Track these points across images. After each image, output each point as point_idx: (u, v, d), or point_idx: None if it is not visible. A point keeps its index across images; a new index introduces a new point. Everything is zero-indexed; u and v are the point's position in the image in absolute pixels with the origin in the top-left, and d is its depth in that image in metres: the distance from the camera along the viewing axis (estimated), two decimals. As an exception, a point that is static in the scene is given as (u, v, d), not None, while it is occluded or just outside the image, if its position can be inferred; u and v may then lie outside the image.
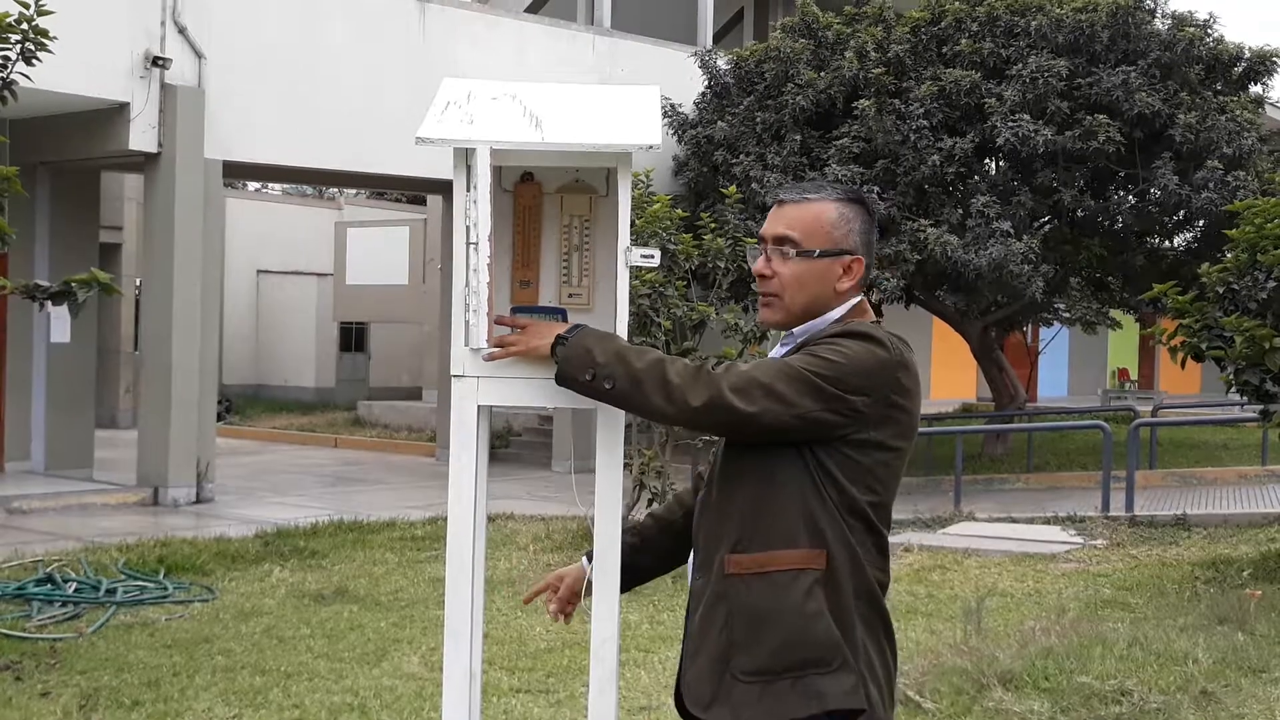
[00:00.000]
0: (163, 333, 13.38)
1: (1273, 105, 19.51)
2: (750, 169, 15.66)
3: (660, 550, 2.87)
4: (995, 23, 15.72)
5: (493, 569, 9.24)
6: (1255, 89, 16.94)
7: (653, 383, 2.44)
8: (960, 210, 15.27)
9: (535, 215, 2.95)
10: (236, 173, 16.96)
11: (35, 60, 6.94)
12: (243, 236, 26.16)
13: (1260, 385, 8.86)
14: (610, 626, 2.72)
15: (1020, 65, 15.10)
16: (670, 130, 16.92)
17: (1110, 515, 12.21)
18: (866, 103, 15.17)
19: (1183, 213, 15.96)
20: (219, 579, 9.03)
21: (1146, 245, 17.17)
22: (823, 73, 15.87)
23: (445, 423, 17.03)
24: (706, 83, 17.21)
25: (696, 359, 2.54)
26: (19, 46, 6.86)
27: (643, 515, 11.40)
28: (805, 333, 2.59)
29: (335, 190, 30.87)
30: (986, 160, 16.17)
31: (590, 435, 2.82)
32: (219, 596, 8.47)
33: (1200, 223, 16.28)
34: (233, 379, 26.01)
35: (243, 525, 11.51)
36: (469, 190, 2.65)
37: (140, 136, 13.17)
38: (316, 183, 26.90)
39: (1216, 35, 16.15)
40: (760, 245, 2.66)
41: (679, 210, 10.98)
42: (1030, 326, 24.97)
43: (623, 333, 2.68)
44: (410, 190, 25.12)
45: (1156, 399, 26.95)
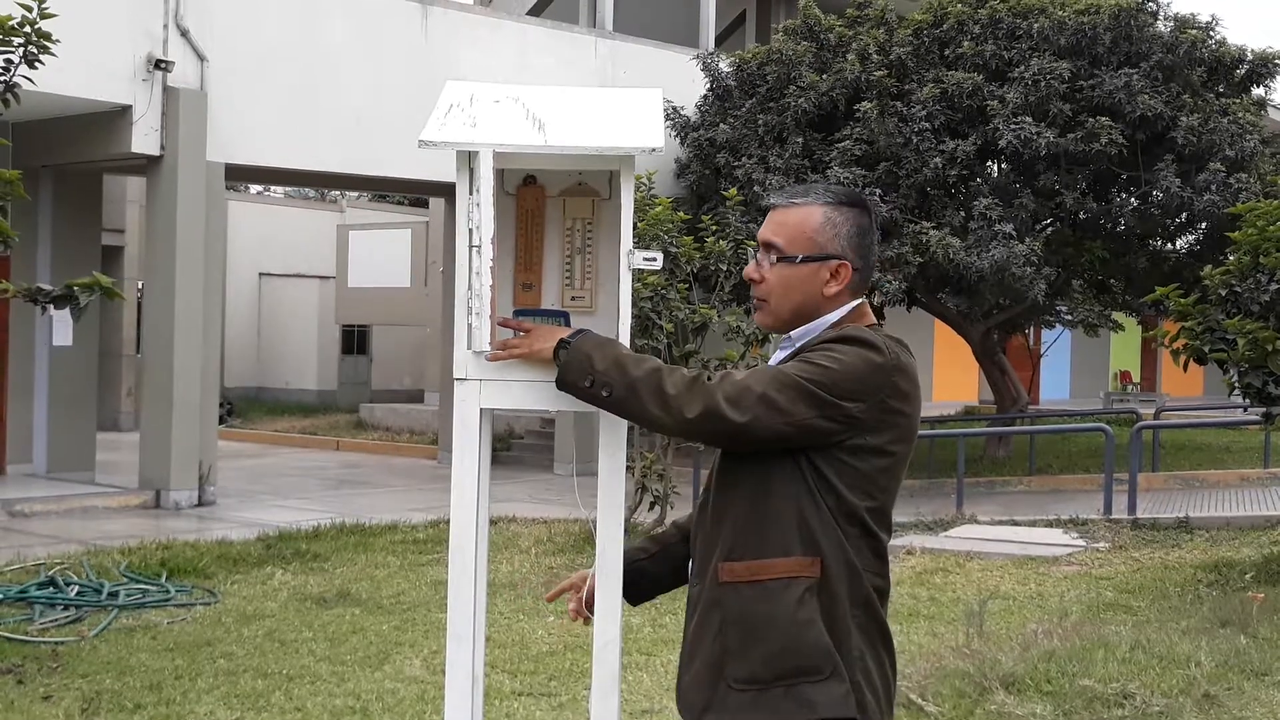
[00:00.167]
0: (164, 335, 13.39)
1: (1275, 108, 19.50)
2: (752, 171, 15.66)
3: (679, 558, 2.85)
4: (997, 25, 15.72)
5: (495, 572, 9.24)
6: (1257, 91, 16.93)
7: (649, 392, 2.44)
8: (962, 213, 15.27)
9: (538, 218, 2.95)
10: (238, 175, 16.99)
11: (38, 63, 6.94)
12: (245, 239, 26.18)
13: (1263, 388, 8.86)
14: (612, 629, 2.72)
15: (1022, 68, 15.09)
16: (672, 133, 16.93)
17: (1112, 518, 12.21)
18: (868, 105, 15.17)
19: (1185, 215, 15.95)
20: (221, 582, 9.03)
21: (1149, 248, 17.16)
22: (825, 75, 15.86)
23: (447, 425, 17.12)
24: (708, 85, 17.22)
25: (697, 364, 2.54)
26: (21, 49, 6.86)
27: (648, 519, 11.44)
28: (802, 336, 2.59)
29: (337, 193, 30.88)
30: (989, 163, 16.16)
31: (592, 438, 2.82)
32: (221, 600, 8.47)
33: (1202, 225, 16.28)
34: (234, 382, 26.02)
35: (245, 528, 11.51)
36: (472, 193, 2.65)
37: (142, 139, 13.18)
38: (318, 185, 26.90)
39: (1219, 38, 16.15)
40: (754, 249, 2.68)
41: (681, 213, 10.99)
42: (1032, 329, 24.97)
43: (625, 335, 2.68)
44: (412, 193, 25.13)
45: (1159, 401, 26.93)
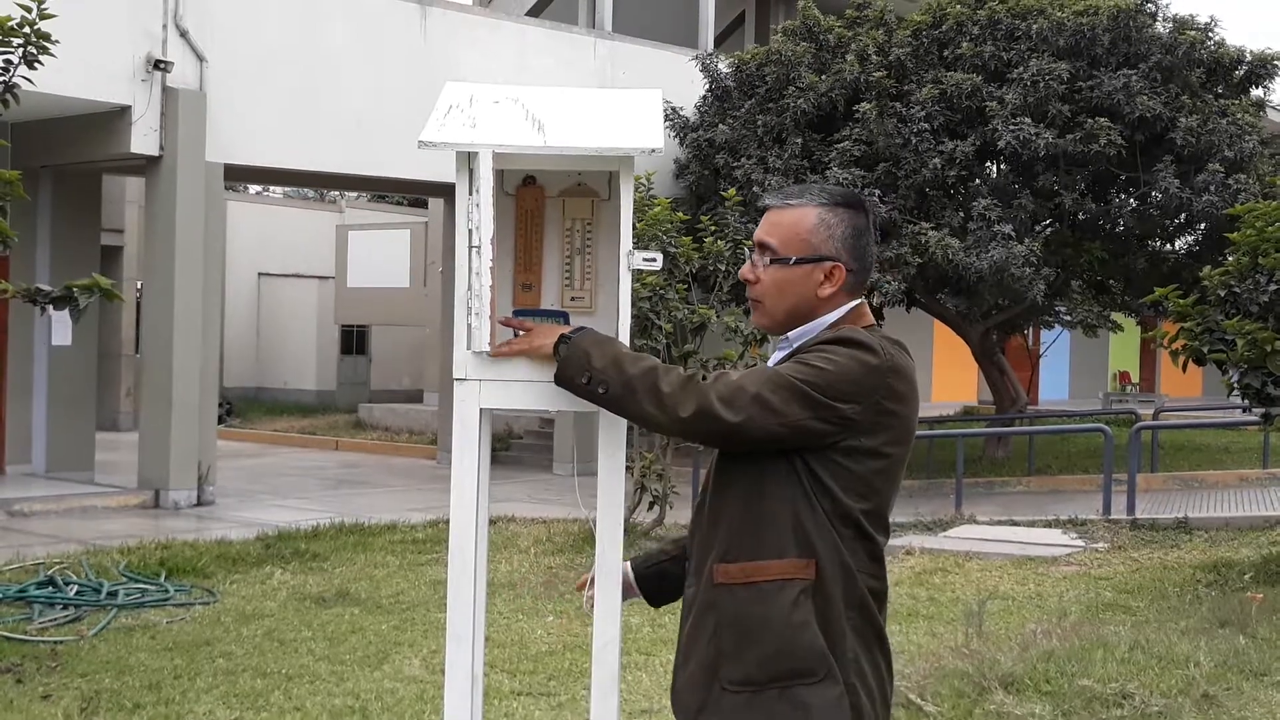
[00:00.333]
0: (164, 335, 13.39)
1: (1274, 109, 19.50)
2: (751, 172, 15.67)
3: None
4: (996, 26, 15.73)
5: (494, 572, 9.24)
6: (1256, 92, 16.93)
7: (644, 390, 2.45)
8: (961, 213, 15.28)
9: (537, 218, 2.95)
10: (238, 176, 16.99)
11: (37, 64, 6.95)
12: (244, 239, 26.18)
13: (1261, 388, 8.87)
14: (612, 629, 2.73)
15: (1021, 68, 15.10)
16: (671, 133, 16.93)
17: (1111, 518, 12.21)
18: (868, 106, 15.18)
19: (1184, 216, 15.96)
20: (220, 582, 9.03)
21: (1147, 248, 17.17)
22: (824, 76, 15.87)
23: (446, 425, 17.11)
24: (707, 86, 17.22)
25: (696, 364, 2.55)
26: (21, 50, 6.87)
27: (647, 519, 11.44)
28: (799, 337, 2.59)
29: (336, 193, 30.88)
30: (988, 163, 16.17)
31: (591, 438, 2.83)
32: (220, 599, 8.47)
33: (1201, 226, 16.28)
34: (234, 382, 26.02)
35: (244, 528, 11.51)
36: (471, 194, 2.65)
37: (142, 140, 13.18)
38: (318, 186, 26.91)
39: (1217, 39, 16.16)
40: (750, 250, 2.68)
41: (680, 213, 10.99)
42: (1031, 329, 24.99)
43: (625, 336, 2.69)
44: (411, 193, 25.13)
45: (1158, 402, 26.94)
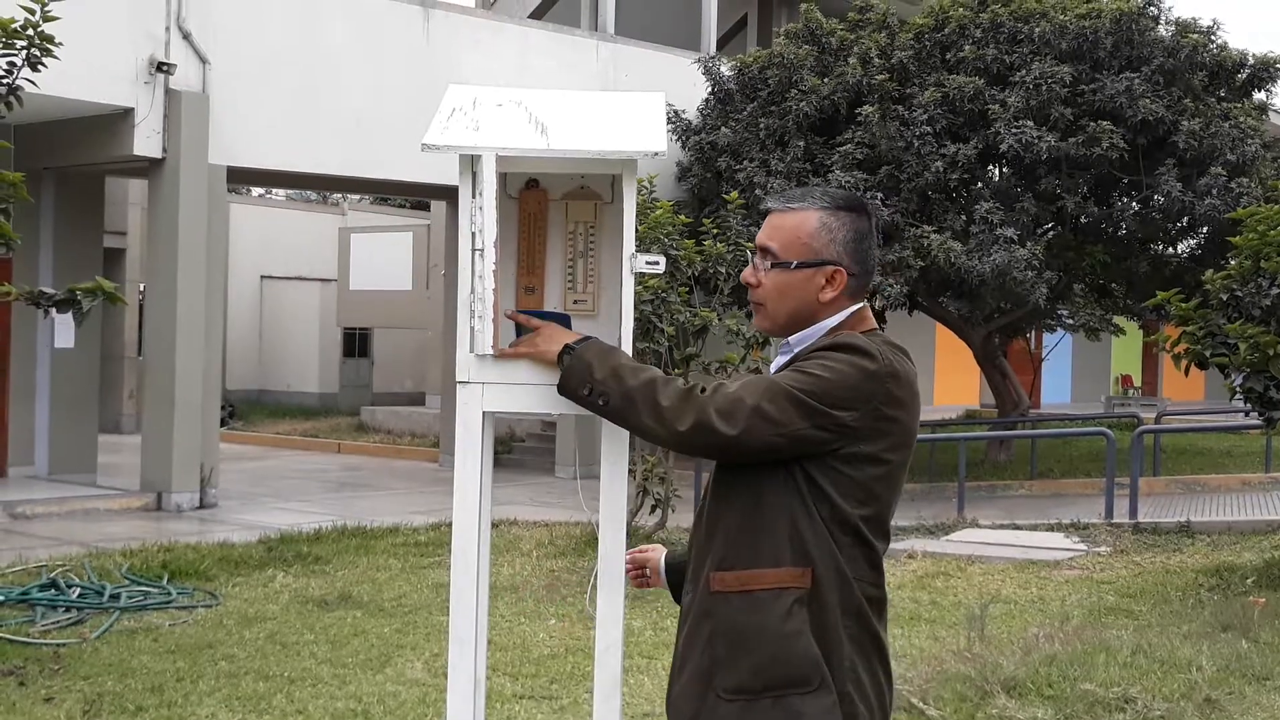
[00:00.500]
0: (166, 338, 13.40)
1: (1276, 112, 19.49)
2: (754, 175, 15.67)
3: None
4: (999, 29, 15.73)
5: (496, 575, 9.24)
6: (1259, 96, 16.94)
7: (644, 403, 2.45)
8: (964, 216, 15.28)
9: (540, 221, 2.96)
10: (240, 178, 17.00)
11: (41, 66, 6.96)
12: (246, 242, 26.20)
13: (1264, 392, 8.87)
14: (614, 632, 2.73)
15: (1024, 72, 15.10)
16: (674, 136, 16.93)
17: (1114, 522, 12.21)
18: (870, 109, 15.18)
19: (1186, 219, 15.96)
20: (222, 584, 9.03)
21: (1150, 252, 17.17)
22: (826, 79, 15.87)
23: (449, 428, 17.10)
24: (710, 89, 17.23)
25: (698, 366, 2.55)
26: (24, 52, 6.88)
27: (649, 522, 11.41)
28: (800, 342, 2.58)
29: (339, 196, 30.91)
30: (990, 166, 16.17)
31: (594, 441, 2.83)
32: (222, 602, 8.47)
33: (1204, 229, 16.29)
34: (236, 384, 26.03)
35: (246, 531, 11.51)
36: (474, 197, 2.66)
37: (145, 142, 13.19)
38: (320, 188, 26.92)
39: (1220, 42, 16.16)
40: (752, 253, 2.67)
41: (682, 216, 10.99)
42: (1034, 333, 24.96)
43: (627, 338, 2.69)
44: (414, 196, 25.15)
45: (1160, 406, 26.94)
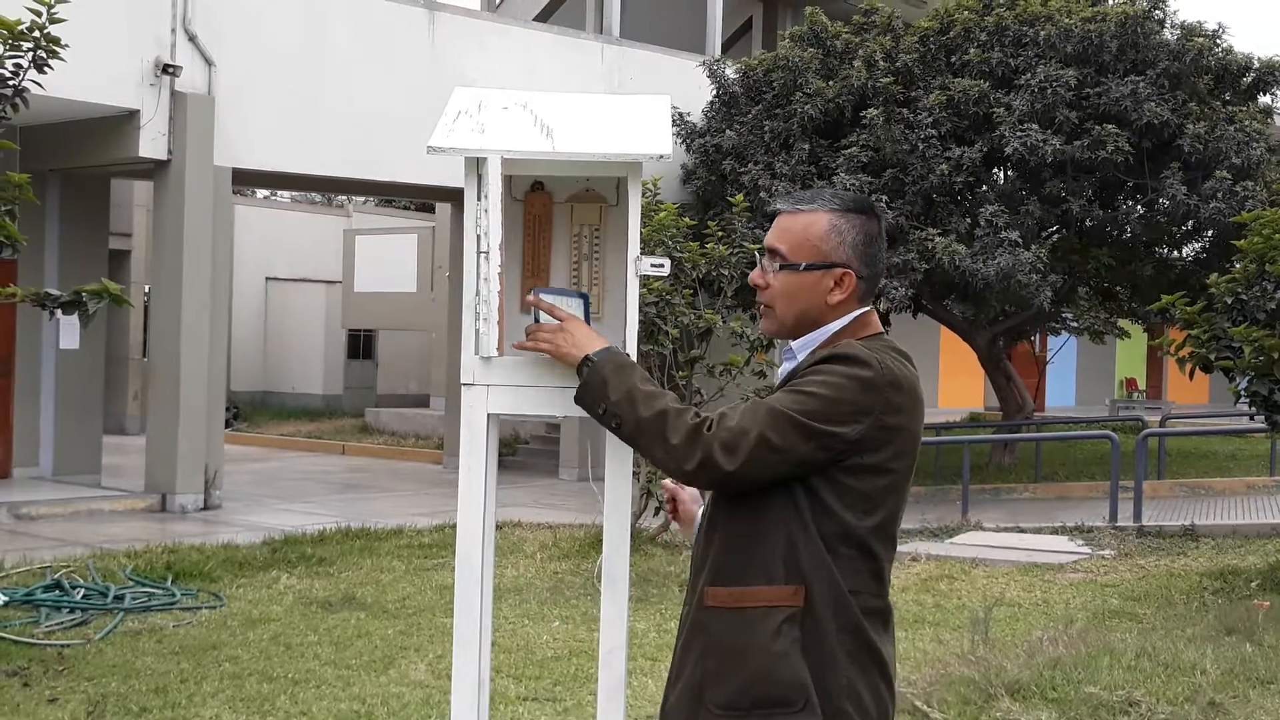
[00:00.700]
0: (171, 339, 13.41)
1: (1281, 115, 19.48)
2: (758, 178, 15.67)
3: None
4: (1004, 32, 15.73)
5: (500, 577, 9.24)
6: (1264, 99, 16.93)
7: (653, 436, 2.45)
8: (968, 219, 15.27)
9: (545, 224, 2.96)
10: (245, 180, 17.02)
11: (47, 68, 6.98)
12: (252, 244, 26.22)
13: (1269, 395, 8.86)
14: (619, 634, 2.73)
15: (1029, 75, 15.10)
16: (679, 139, 16.94)
17: (1118, 525, 12.20)
18: (875, 112, 15.17)
19: (1191, 223, 15.96)
20: (226, 586, 9.04)
21: (1155, 255, 17.16)
22: (831, 82, 15.88)
23: (453, 430, 17.10)
24: (715, 91, 17.23)
25: (701, 372, 2.54)
26: (31, 54, 6.90)
27: (653, 524, 11.40)
28: (804, 346, 2.57)
29: (344, 198, 30.92)
30: (995, 170, 16.17)
31: (598, 443, 2.84)
32: (226, 603, 8.48)
33: (1209, 233, 16.27)
34: (241, 386, 26.05)
35: (250, 532, 11.52)
36: (480, 199, 2.66)
37: (150, 144, 13.21)
38: (325, 190, 26.94)
39: (1225, 45, 16.16)
40: (761, 255, 2.66)
41: (686, 219, 10.99)
42: (1038, 336, 24.96)
43: (632, 341, 2.69)
44: (419, 198, 25.16)
45: (1164, 409, 26.92)
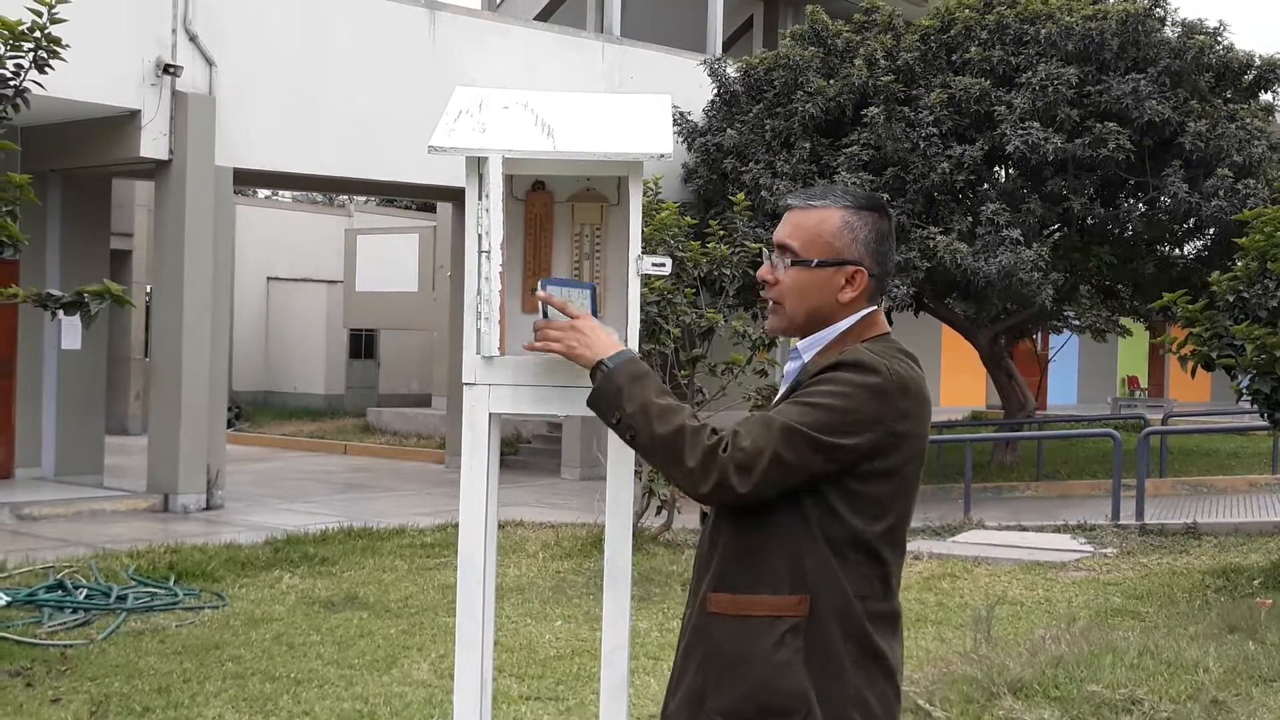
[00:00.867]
0: (173, 339, 13.42)
1: (1283, 113, 19.47)
2: (759, 176, 15.67)
3: None
4: (1005, 31, 15.72)
5: (502, 576, 9.24)
6: (1265, 97, 16.92)
7: (669, 456, 2.41)
8: (970, 218, 15.27)
9: (546, 223, 2.97)
10: (247, 180, 17.02)
11: (48, 68, 6.98)
12: (253, 243, 26.22)
13: (1271, 393, 8.86)
14: (621, 634, 2.73)
15: (1030, 73, 15.09)
16: (680, 138, 16.94)
17: (1120, 523, 12.20)
18: (876, 110, 15.17)
19: (1193, 221, 15.95)
20: (229, 586, 9.04)
21: (1156, 253, 17.16)
22: (832, 80, 15.87)
23: (455, 430, 17.10)
24: (716, 90, 17.23)
25: (703, 371, 2.52)
26: (32, 54, 6.90)
27: (655, 523, 11.40)
28: (811, 345, 2.55)
29: (345, 197, 30.92)
30: (996, 168, 16.16)
31: (599, 442, 2.84)
32: (229, 603, 8.48)
33: (1210, 231, 16.26)
34: (243, 386, 26.05)
35: (253, 532, 11.53)
36: (481, 199, 2.66)
37: (151, 144, 13.22)
38: (326, 190, 26.94)
39: (1226, 43, 16.15)
40: (770, 251, 2.62)
41: (688, 218, 11.00)
42: (1040, 334, 24.96)
43: (633, 340, 2.69)
44: (420, 197, 25.17)
45: (1166, 407, 26.91)
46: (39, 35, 6.83)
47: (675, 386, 10.02)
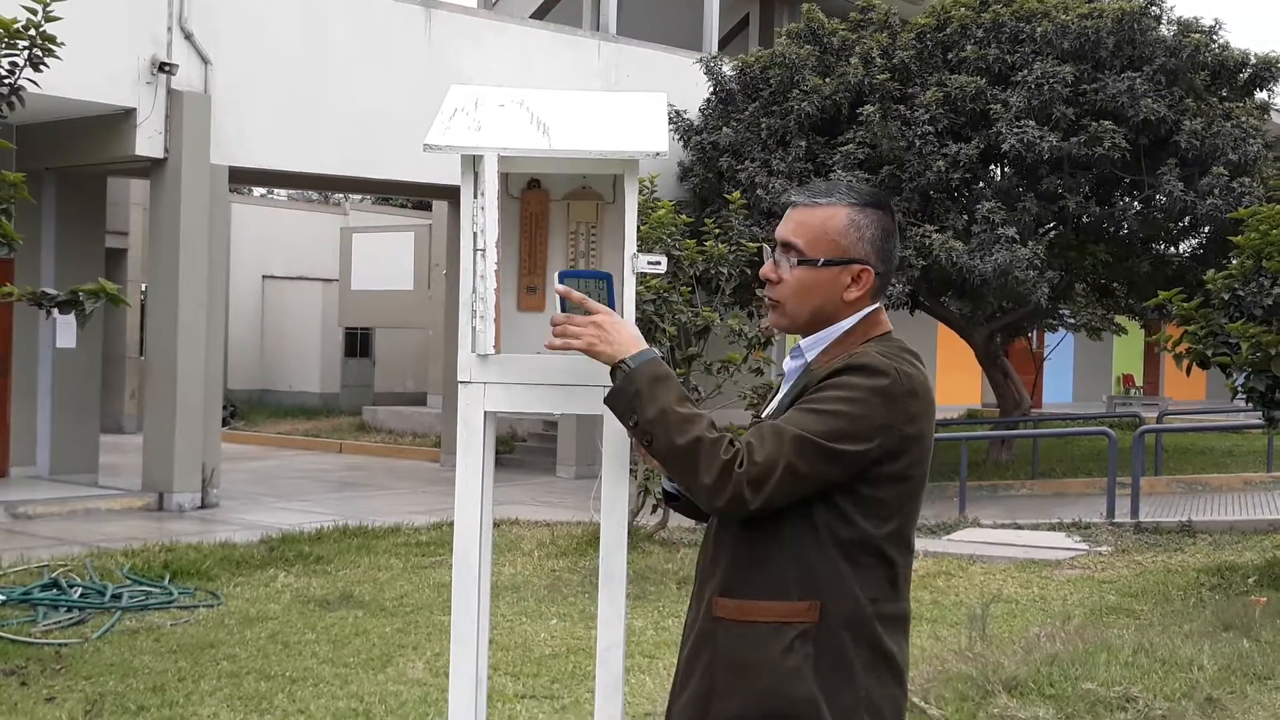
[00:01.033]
0: (168, 338, 13.40)
1: (1278, 111, 19.49)
2: (755, 175, 15.67)
3: None
4: (1000, 29, 15.72)
5: (497, 575, 9.24)
6: (1261, 95, 16.94)
7: (685, 468, 2.37)
8: (965, 216, 15.27)
9: (542, 222, 2.96)
10: (242, 178, 17.00)
11: (43, 66, 6.96)
12: (248, 242, 26.20)
13: (1266, 392, 8.87)
14: (616, 632, 2.73)
15: (1025, 71, 15.10)
16: (675, 136, 16.93)
17: (1115, 522, 12.21)
18: (872, 109, 15.17)
19: (1188, 219, 15.95)
20: (224, 584, 9.04)
21: (1152, 251, 17.17)
22: (828, 79, 15.87)
23: (450, 428, 17.10)
24: (712, 89, 17.23)
25: (699, 370, 2.50)
26: (26, 52, 6.88)
27: (650, 521, 11.38)
28: (814, 344, 2.52)
29: (340, 195, 30.88)
30: (992, 166, 16.16)
31: (595, 441, 2.84)
32: (224, 602, 8.48)
33: (1205, 229, 16.28)
34: (238, 384, 26.04)
35: (248, 530, 11.52)
36: (476, 197, 2.66)
37: (146, 142, 13.20)
38: (322, 188, 26.92)
39: (1222, 42, 16.16)
40: (772, 248, 2.58)
41: (684, 216, 11.00)
42: (1035, 332, 24.97)
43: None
44: (416, 196, 25.15)
45: (1162, 405, 26.93)
46: (34, 33, 6.82)
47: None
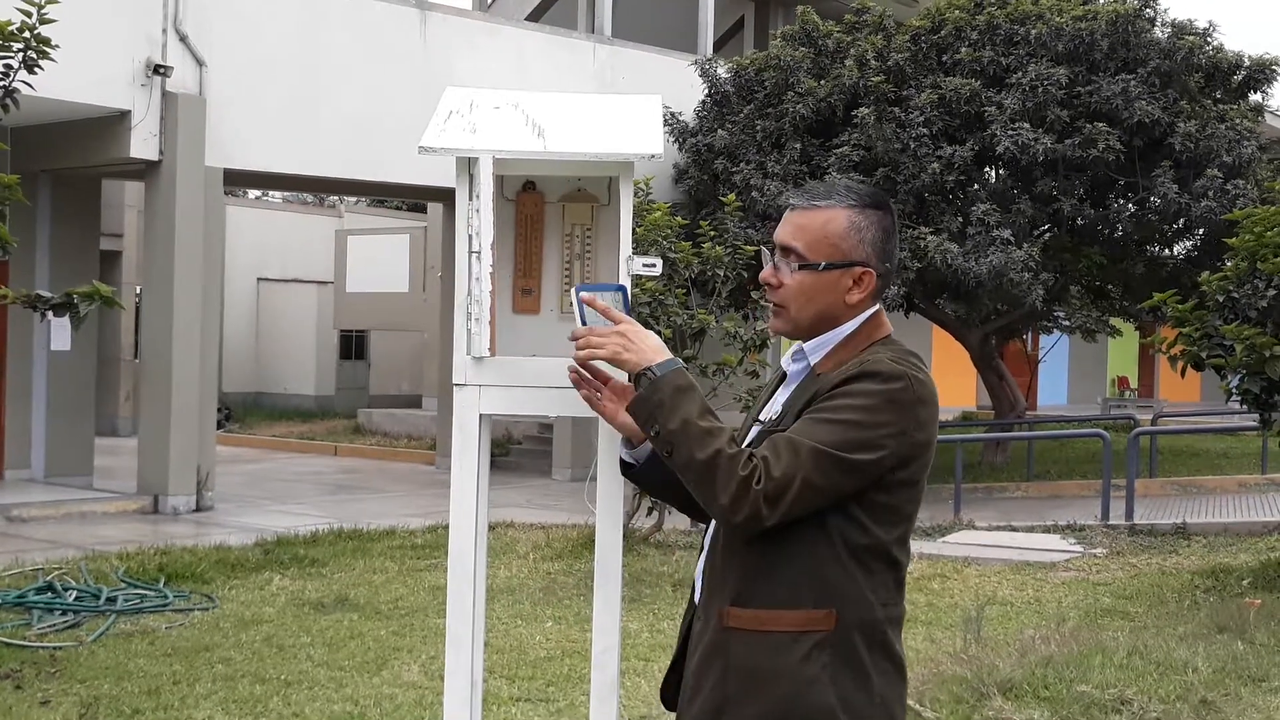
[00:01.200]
0: (163, 340, 13.39)
1: (1272, 114, 19.54)
2: (750, 177, 15.68)
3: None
4: (995, 31, 15.74)
5: (492, 577, 9.23)
6: (1254, 97, 16.97)
7: (702, 482, 2.34)
8: (960, 218, 15.29)
9: (537, 224, 2.96)
10: (237, 180, 16.99)
11: (37, 68, 6.95)
12: (243, 244, 26.18)
13: (1261, 393, 8.88)
14: (611, 635, 2.73)
15: (1020, 73, 15.12)
16: (671, 138, 16.94)
17: (1110, 524, 12.22)
18: (866, 111, 15.19)
19: (1182, 221, 15.98)
20: (219, 587, 9.02)
21: (1146, 253, 17.19)
22: (823, 81, 15.89)
23: (445, 431, 17.08)
24: (707, 91, 17.24)
25: (694, 372, 2.48)
26: (21, 54, 6.87)
27: (646, 524, 11.38)
28: (818, 348, 2.50)
29: (336, 198, 30.87)
30: (986, 168, 16.18)
31: (590, 443, 2.83)
32: (219, 605, 8.47)
33: (1200, 231, 16.31)
34: (233, 387, 26.01)
35: (243, 533, 11.51)
36: (471, 199, 2.66)
37: (141, 144, 13.19)
38: (317, 190, 26.91)
39: (1216, 44, 16.19)
40: (772, 251, 2.55)
41: (679, 218, 11.00)
42: (1030, 334, 25.00)
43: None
44: (411, 198, 25.16)
45: (1156, 407, 26.97)
46: (28, 35, 6.81)
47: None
